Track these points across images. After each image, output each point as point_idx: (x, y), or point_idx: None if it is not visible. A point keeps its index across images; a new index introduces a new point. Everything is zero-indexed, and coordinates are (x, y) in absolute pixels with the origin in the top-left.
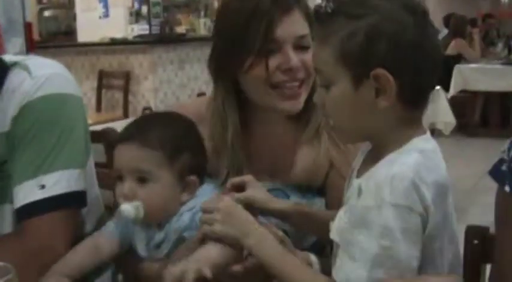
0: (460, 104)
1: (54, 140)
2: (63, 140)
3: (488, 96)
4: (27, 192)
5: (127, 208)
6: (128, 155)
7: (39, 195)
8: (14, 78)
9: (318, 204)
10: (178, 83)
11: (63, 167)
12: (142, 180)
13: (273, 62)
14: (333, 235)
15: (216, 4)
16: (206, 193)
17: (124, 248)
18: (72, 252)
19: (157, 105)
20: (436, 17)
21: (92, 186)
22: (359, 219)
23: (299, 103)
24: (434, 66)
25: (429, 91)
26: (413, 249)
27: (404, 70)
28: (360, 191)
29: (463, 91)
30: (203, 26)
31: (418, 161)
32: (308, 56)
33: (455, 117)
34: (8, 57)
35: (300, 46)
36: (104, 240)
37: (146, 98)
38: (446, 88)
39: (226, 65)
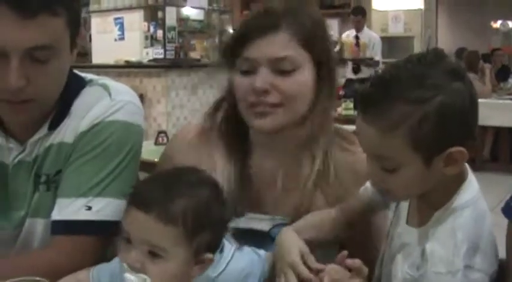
0: None
1: (113, 166)
2: (121, 169)
3: (499, 131)
4: (72, 209)
5: (132, 280)
6: (142, 226)
7: (82, 215)
8: (93, 93)
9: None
10: (190, 108)
11: (113, 196)
12: (154, 254)
13: (246, 81)
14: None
15: (230, 31)
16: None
17: None
18: None
19: (169, 129)
20: (447, 51)
21: None
22: None
23: (270, 122)
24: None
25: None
26: None
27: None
28: (424, 254)
29: None
30: (217, 52)
31: (472, 221)
32: (285, 81)
33: None
34: (85, 75)
35: (279, 70)
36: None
37: (158, 121)
38: None
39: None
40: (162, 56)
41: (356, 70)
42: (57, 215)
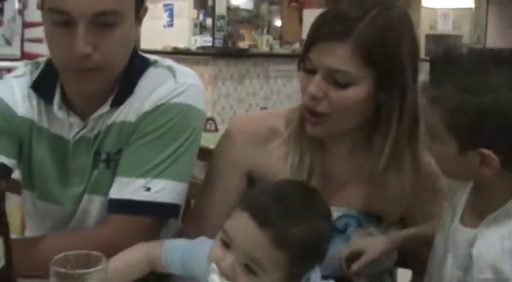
0: None
1: (174, 148)
2: (181, 151)
3: None
4: (131, 189)
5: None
6: (251, 239)
7: (142, 196)
8: (157, 75)
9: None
10: (236, 97)
11: (172, 178)
12: (249, 268)
13: (304, 82)
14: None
15: (278, 22)
16: None
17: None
18: (126, 256)
19: (215, 117)
20: None
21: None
22: None
23: (319, 131)
24: None
25: None
26: None
27: (507, 147)
28: (471, 256)
29: None
30: (265, 42)
31: None
32: (337, 94)
33: None
34: (149, 57)
35: (335, 81)
36: (159, 261)
37: None
38: None
39: None
40: (210, 44)
41: None
42: (115, 193)
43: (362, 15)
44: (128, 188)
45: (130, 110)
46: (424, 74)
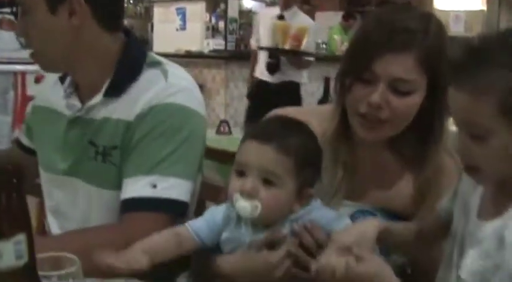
0: None
1: (175, 147)
2: (183, 150)
3: None
4: (138, 187)
5: (245, 206)
6: (261, 155)
7: (149, 192)
8: (150, 76)
9: None
10: None
11: (178, 176)
12: (267, 182)
13: (362, 91)
14: (465, 275)
15: None
16: (314, 207)
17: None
18: (157, 236)
19: (228, 120)
20: None
21: (192, 203)
22: (506, 272)
23: (375, 136)
24: None
25: None
26: None
27: None
28: (502, 240)
29: None
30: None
31: None
32: (399, 102)
33: None
34: (151, 56)
35: (397, 89)
36: (187, 235)
37: (216, 112)
38: None
39: (340, 83)
40: (222, 47)
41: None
42: (125, 194)
43: (425, 26)
44: (134, 186)
45: (124, 109)
46: None
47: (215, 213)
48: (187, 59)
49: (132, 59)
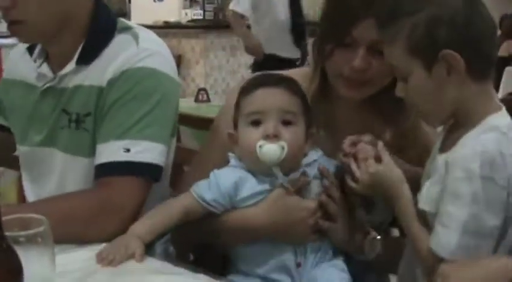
0: (509, 106)
1: (147, 110)
2: (155, 114)
3: None
4: (111, 151)
5: (273, 147)
6: (277, 98)
7: (123, 157)
8: (121, 42)
9: None
10: (228, 69)
11: (151, 139)
12: (286, 122)
13: (344, 56)
14: (422, 205)
15: None
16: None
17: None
18: (159, 214)
19: (208, 90)
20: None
21: (167, 167)
22: (449, 190)
23: (359, 94)
24: (490, 37)
25: (493, 59)
26: (496, 219)
27: (465, 46)
28: (447, 165)
29: None
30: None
31: (499, 138)
32: (381, 62)
33: None
34: (122, 21)
35: (377, 50)
36: (195, 204)
37: (196, 82)
38: (495, 90)
39: (318, 48)
40: (201, 17)
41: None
42: (98, 160)
43: None
44: (107, 151)
45: (96, 75)
46: None
47: (219, 177)
48: (165, 29)
49: (104, 25)
